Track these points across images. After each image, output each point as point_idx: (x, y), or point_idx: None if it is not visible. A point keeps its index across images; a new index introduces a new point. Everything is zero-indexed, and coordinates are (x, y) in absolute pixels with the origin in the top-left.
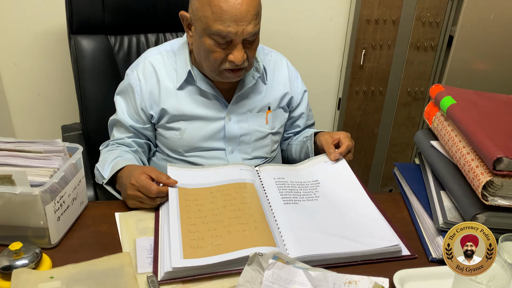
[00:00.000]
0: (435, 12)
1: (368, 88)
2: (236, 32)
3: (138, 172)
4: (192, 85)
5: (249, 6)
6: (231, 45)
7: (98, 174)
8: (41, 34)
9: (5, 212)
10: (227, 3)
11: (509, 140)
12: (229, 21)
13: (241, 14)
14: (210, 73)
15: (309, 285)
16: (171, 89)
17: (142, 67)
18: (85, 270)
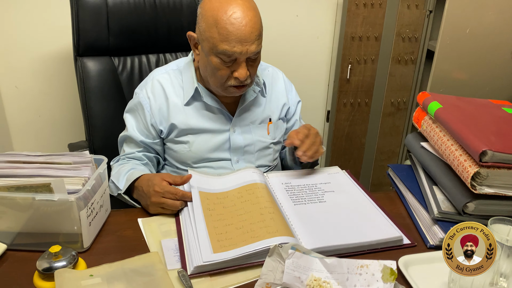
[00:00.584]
0: (413, 28)
1: (354, 100)
2: (241, 52)
3: (159, 179)
4: (198, 101)
5: (252, 28)
6: (236, 63)
7: (113, 186)
8: (42, 57)
9: (41, 220)
10: (232, 25)
11: (491, 136)
12: (234, 42)
13: (245, 35)
14: (215, 89)
15: (325, 271)
16: (179, 105)
17: (151, 85)
18: (119, 268)
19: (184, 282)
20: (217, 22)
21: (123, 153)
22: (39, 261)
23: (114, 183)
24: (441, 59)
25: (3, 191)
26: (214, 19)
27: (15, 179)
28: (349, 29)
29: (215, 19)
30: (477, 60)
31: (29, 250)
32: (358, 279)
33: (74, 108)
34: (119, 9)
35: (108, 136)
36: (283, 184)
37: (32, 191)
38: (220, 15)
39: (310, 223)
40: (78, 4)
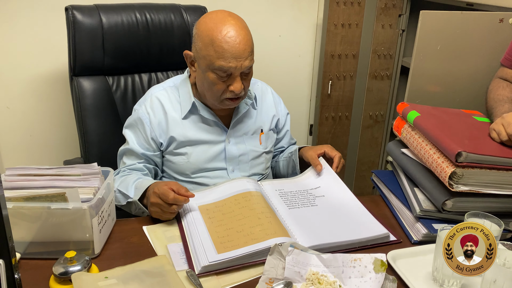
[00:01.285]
0: (388, 46)
1: (336, 114)
2: (236, 67)
3: (162, 183)
4: (195, 114)
5: (245, 45)
6: (231, 78)
7: (120, 196)
8: (34, 77)
9: (53, 229)
10: (227, 43)
11: (465, 139)
12: (230, 58)
13: (240, 52)
14: (212, 102)
15: (322, 266)
16: (177, 119)
17: (150, 102)
18: (131, 270)
19: (193, 280)
20: (213, 41)
21: (123, 165)
22: (55, 266)
23: (121, 193)
24: (416, 74)
25: (19, 201)
26: (210, 39)
27: (29, 191)
28: (328, 48)
29: (211, 38)
30: (448, 74)
31: (41, 258)
32: (352, 271)
33: (66, 127)
34: (114, 31)
35: (104, 152)
36: (276, 191)
37: (47, 200)
38: (215, 35)
39: (305, 224)
40: (74, 27)
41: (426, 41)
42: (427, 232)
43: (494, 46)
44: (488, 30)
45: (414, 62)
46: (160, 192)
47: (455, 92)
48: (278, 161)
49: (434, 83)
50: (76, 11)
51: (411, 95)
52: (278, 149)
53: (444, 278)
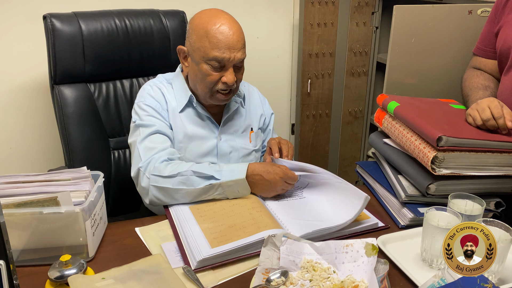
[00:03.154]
0: (363, 43)
1: (316, 112)
2: (229, 58)
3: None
4: (190, 108)
5: (238, 37)
6: (224, 69)
7: (197, 179)
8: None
9: (45, 235)
10: (222, 34)
11: (444, 125)
12: (224, 49)
13: (233, 43)
14: (204, 95)
15: (315, 254)
16: (176, 111)
17: (153, 91)
18: (128, 270)
19: (190, 276)
20: (208, 32)
21: (151, 151)
22: (51, 270)
23: (199, 175)
24: (392, 67)
25: (10, 208)
26: (204, 31)
27: (20, 198)
28: (306, 47)
29: (205, 30)
30: (423, 66)
31: (34, 265)
32: (345, 256)
33: (48, 136)
34: (94, 37)
35: (88, 159)
36: None
37: (39, 205)
38: (210, 27)
39: (294, 215)
40: (54, 35)
41: (401, 35)
42: (413, 216)
43: (464, 37)
44: (459, 21)
45: (390, 55)
46: (288, 177)
47: (430, 83)
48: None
49: (410, 76)
50: (54, 19)
51: (388, 88)
52: (264, 147)
53: (433, 258)
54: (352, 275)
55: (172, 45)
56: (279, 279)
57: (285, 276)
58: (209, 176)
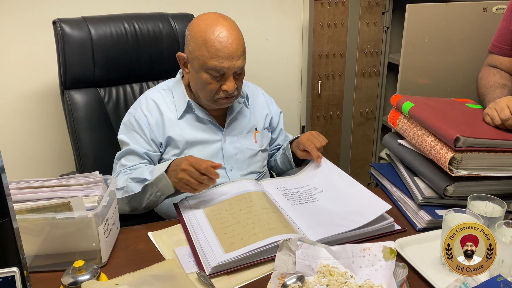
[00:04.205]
0: (374, 43)
1: (327, 114)
2: (229, 67)
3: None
4: (190, 114)
5: (238, 45)
6: (224, 77)
7: (133, 184)
8: (24, 94)
9: (58, 240)
10: (220, 43)
11: (461, 125)
12: (222, 58)
13: (232, 52)
14: (206, 102)
15: (332, 258)
16: (173, 120)
17: (145, 104)
18: (142, 276)
19: (204, 281)
20: (206, 41)
21: (123, 167)
22: (64, 276)
23: (136, 180)
24: (406, 67)
25: (23, 213)
26: (203, 39)
27: (32, 203)
28: (316, 48)
29: (203, 39)
30: (437, 65)
31: (48, 271)
32: (363, 260)
33: (58, 141)
34: (103, 42)
35: (99, 164)
36: (278, 189)
37: (52, 211)
38: (208, 35)
39: (310, 219)
40: (64, 40)
41: (414, 34)
42: (431, 218)
43: (479, 35)
44: (473, 19)
45: (403, 55)
46: (194, 160)
47: (444, 82)
48: (276, 159)
49: (424, 75)
50: (64, 24)
51: (402, 89)
52: (275, 147)
53: None
54: (370, 279)
55: (181, 48)
56: (295, 284)
57: (301, 281)
58: (142, 179)
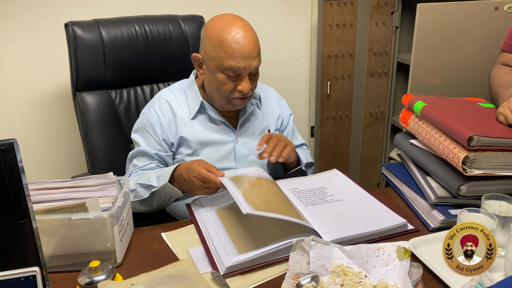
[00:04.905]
0: (383, 43)
1: (336, 114)
2: (245, 67)
3: (196, 165)
4: (203, 114)
5: (254, 45)
6: (240, 78)
7: (142, 190)
8: (36, 96)
9: (74, 241)
10: (237, 44)
11: (474, 124)
12: (239, 58)
13: (248, 52)
14: (220, 103)
15: (346, 258)
16: (186, 120)
17: (158, 104)
18: (157, 276)
19: (219, 281)
20: (223, 42)
21: (134, 167)
22: (80, 277)
23: (143, 186)
24: (416, 67)
25: (40, 214)
26: (219, 40)
27: (49, 204)
28: (325, 49)
29: (220, 39)
30: (448, 64)
31: (63, 271)
32: (377, 260)
33: (70, 143)
34: (114, 44)
35: (111, 165)
36: (290, 190)
37: (67, 211)
38: (225, 36)
39: (322, 221)
40: (75, 42)
41: (425, 34)
42: (444, 218)
43: (491, 34)
44: (484, 18)
45: (414, 55)
46: (202, 177)
47: (456, 82)
48: None
49: (435, 75)
50: (76, 27)
51: (413, 89)
52: None
53: None
54: (385, 279)
55: (191, 50)
56: (310, 284)
57: (316, 280)
58: (149, 185)
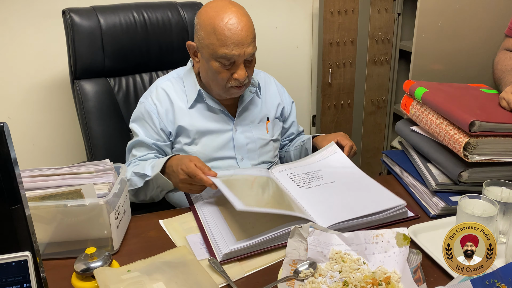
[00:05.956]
0: (385, 30)
1: (338, 103)
2: (239, 54)
3: (187, 160)
4: (201, 103)
5: (247, 31)
6: (235, 66)
7: (136, 178)
8: (35, 85)
9: (70, 228)
10: (230, 31)
11: (476, 109)
12: (232, 45)
13: (242, 39)
14: (217, 91)
15: (344, 245)
16: (184, 109)
17: (156, 93)
18: (153, 262)
19: (216, 268)
20: (215, 29)
21: (133, 157)
22: (76, 263)
23: (138, 175)
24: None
25: (35, 201)
26: (212, 27)
27: (44, 191)
28: (326, 36)
29: (212, 27)
30: (451, 50)
31: (61, 258)
32: (376, 247)
33: (69, 132)
34: (113, 31)
35: (110, 154)
36: (288, 175)
37: (63, 198)
38: (217, 23)
39: (319, 205)
40: (73, 29)
41: (427, 19)
42: (445, 205)
43: (495, 19)
44: (488, 3)
45: (415, 41)
46: (189, 171)
47: (458, 68)
48: (288, 150)
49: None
50: (73, 14)
51: (414, 75)
52: (287, 138)
53: None
54: (384, 266)
55: (190, 37)
56: (307, 271)
57: (314, 267)
58: (143, 174)
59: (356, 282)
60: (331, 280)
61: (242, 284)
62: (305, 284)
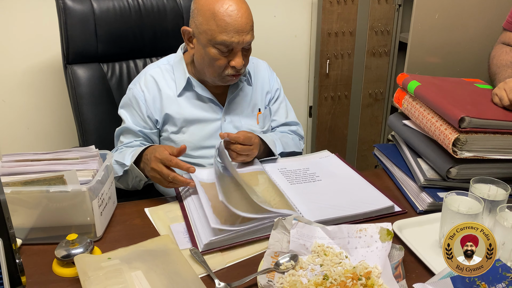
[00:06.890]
0: (385, 22)
1: (335, 94)
2: (238, 41)
3: (162, 148)
4: (190, 91)
5: (247, 19)
6: (232, 53)
7: (118, 166)
8: (29, 69)
9: (54, 214)
10: (230, 17)
11: (467, 105)
12: (232, 32)
13: (242, 26)
14: (212, 79)
15: (327, 238)
16: (172, 97)
17: (144, 79)
18: (135, 251)
19: (197, 258)
20: (215, 15)
21: (120, 144)
22: (57, 249)
23: (118, 163)
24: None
25: (17, 186)
26: (211, 13)
27: (27, 176)
28: (325, 26)
29: (212, 12)
30: (448, 43)
31: (43, 243)
32: (358, 241)
33: (63, 117)
34: (106, 16)
35: (102, 140)
36: (279, 170)
37: (45, 184)
38: (217, 9)
39: (308, 200)
40: (66, 13)
41: (424, 11)
42: (432, 201)
43: (493, 11)
44: None
45: (412, 33)
46: (162, 157)
47: (455, 61)
48: None
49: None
50: None
51: (410, 68)
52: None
53: None
54: (365, 260)
55: (185, 23)
56: (288, 263)
57: (295, 260)
58: (122, 163)
59: (336, 276)
60: (312, 274)
61: (223, 275)
62: (285, 277)
